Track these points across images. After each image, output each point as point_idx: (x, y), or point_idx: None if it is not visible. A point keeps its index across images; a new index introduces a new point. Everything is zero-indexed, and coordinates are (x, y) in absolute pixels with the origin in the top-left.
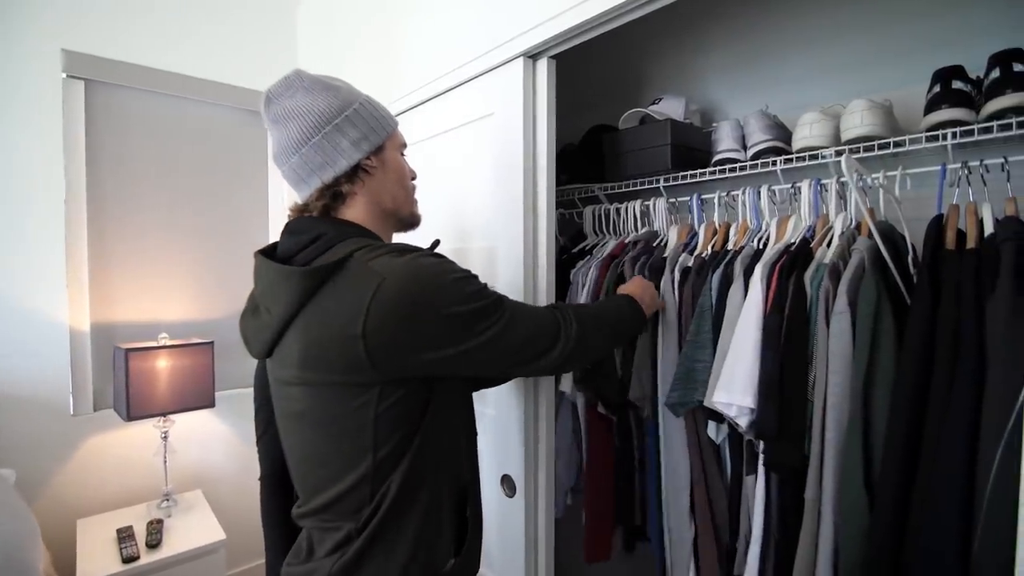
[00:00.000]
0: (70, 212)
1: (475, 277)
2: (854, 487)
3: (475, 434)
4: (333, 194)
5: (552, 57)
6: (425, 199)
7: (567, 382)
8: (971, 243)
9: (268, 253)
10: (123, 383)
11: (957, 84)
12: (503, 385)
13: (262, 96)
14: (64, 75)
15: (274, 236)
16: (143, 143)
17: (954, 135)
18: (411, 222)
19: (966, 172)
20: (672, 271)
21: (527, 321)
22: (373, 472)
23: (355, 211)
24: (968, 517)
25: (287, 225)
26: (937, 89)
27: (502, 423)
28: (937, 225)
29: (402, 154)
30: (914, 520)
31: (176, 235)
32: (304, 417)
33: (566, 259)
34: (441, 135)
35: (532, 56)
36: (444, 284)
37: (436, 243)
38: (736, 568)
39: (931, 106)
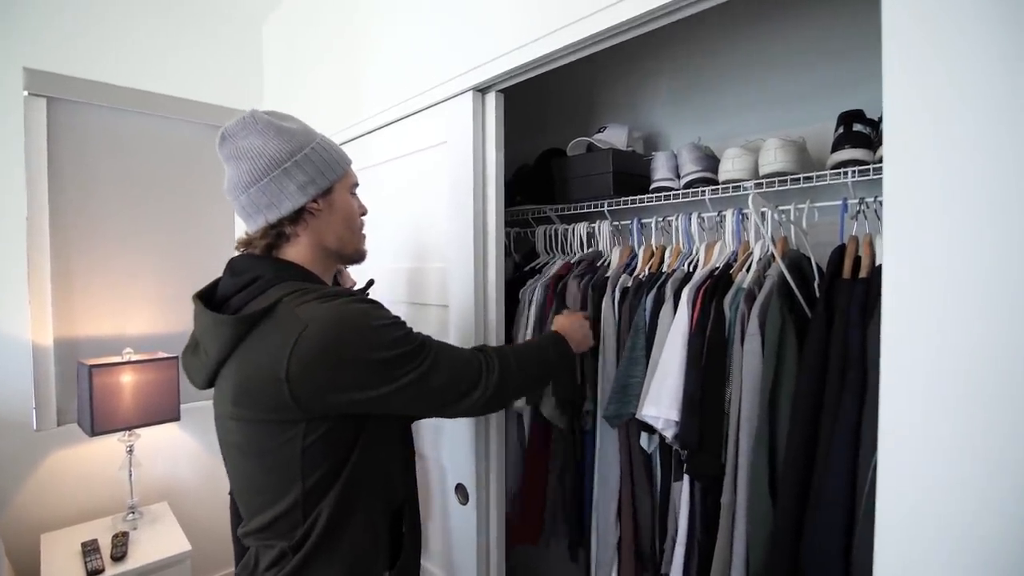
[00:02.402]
0: (32, 228)
1: (400, 323)
2: (761, 493)
3: (411, 457)
4: (277, 233)
5: (500, 91)
6: (385, 220)
7: (520, 401)
8: (864, 272)
9: (208, 293)
10: (87, 399)
11: (857, 127)
12: None
13: (218, 132)
14: (26, 93)
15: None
16: (107, 159)
17: (854, 173)
18: (355, 259)
19: (864, 207)
20: (613, 291)
21: (449, 366)
22: (303, 499)
23: (297, 250)
24: (852, 515)
25: (230, 263)
26: (841, 130)
27: (456, 435)
28: (838, 254)
29: (353, 193)
30: (808, 520)
31: (141, 250)
32: (240, 448)
33: (519, 276)
34: (400, 159)
35: (481, 90)
36: (365, 330)
37: (370, 283)
38: (664, 567)
39: (836, 145)
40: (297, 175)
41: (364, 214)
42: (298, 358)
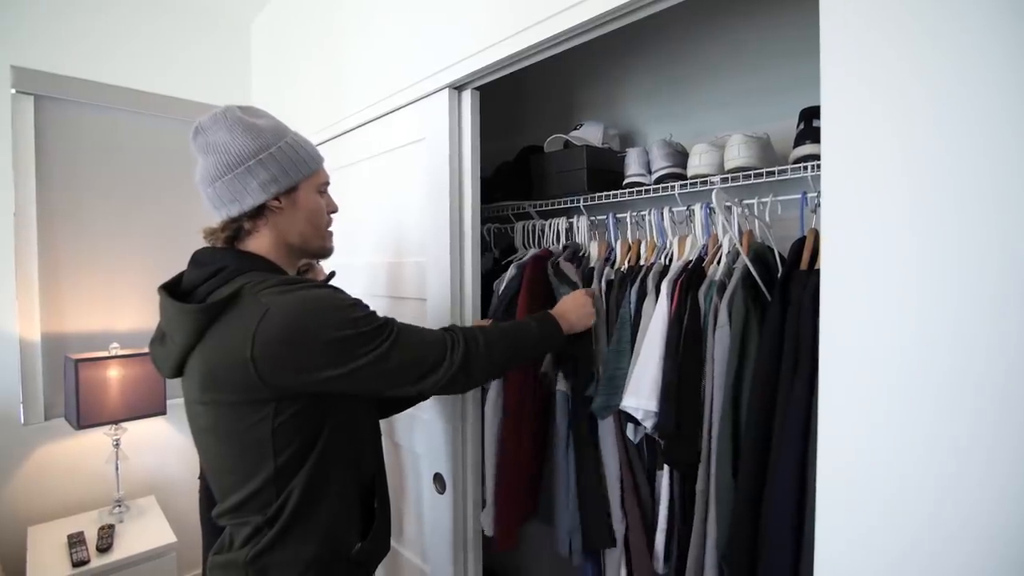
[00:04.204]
0: (20, 224)
1: (361, 304)
2: (725, 475)
3: (379, 436)
4: (238, 227)
5: (476, 88)
6: (365, 216)
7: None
8: (820, 263)
9: (174, 284)
10: (73, 393)
11: (817, 122)
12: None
13: (193, 125)
14: (13, 91)
15: None
16: (94, 156)
17: (814, 167)
18: (320, 255)
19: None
20: (600, 281)
21: (412, 344)
22: (275, 477)
23: (259, 243)
24: (803, 494)
25: (194, 255)
26: (802, 126)
27: (434, 426)
28: (798, 246)
29: (322, 192)
30: (766, 499)
31: (129, 246)
32: (212, 431)
33: (495, 270)
34: (380, 156)
35: (457, 88)
36: (326, 311)
37: (331, 275)
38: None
39: (797, 141)
40: (260, 173)
41: (333, 212)
42: (262, 339)
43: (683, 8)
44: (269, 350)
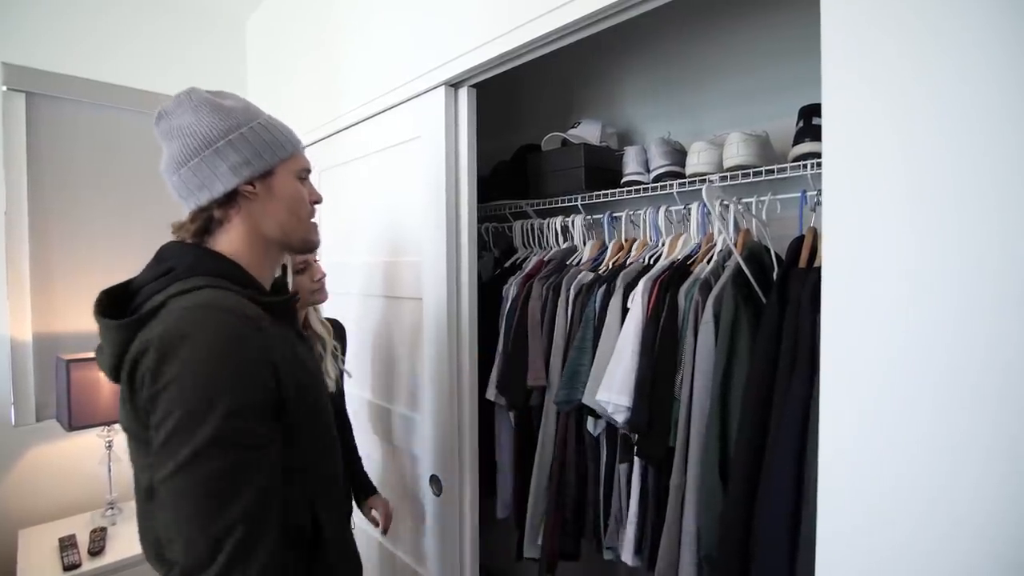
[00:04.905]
0: (11, 223)
1: (238, 393)
2: (711, 475)
3: (331, 483)
4: (208, 218)
5: (473, 86)
6: (361, 215)
7: (492, 391)
8: (819, 262)
9: (123, 285)
10: (64, 394)
11: (816, 120)
12: (429, 391)
13: (155, 111)
14: (4, 88)
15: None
16: (87, 154)
17: (814, 165)
18: (303, 248)
19: (822, 198)
20: (568, 290)
21: (211, 494)
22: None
23: (230, 237)
24: (800, 496)
25: (159, 250)
26: (801, 124)
27: (430, 428)
28: (797, 244)
29: (302, 179)
30: (760, 501)
31: (121, 245)
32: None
33: (499, 273)
34: (376, 154)
35: (453, 85)
36: (188, 364)
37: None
38: (608, 541)
39: (796, 139)
40: (230, 155)
41: (317, 202)
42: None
43: (680, 6)
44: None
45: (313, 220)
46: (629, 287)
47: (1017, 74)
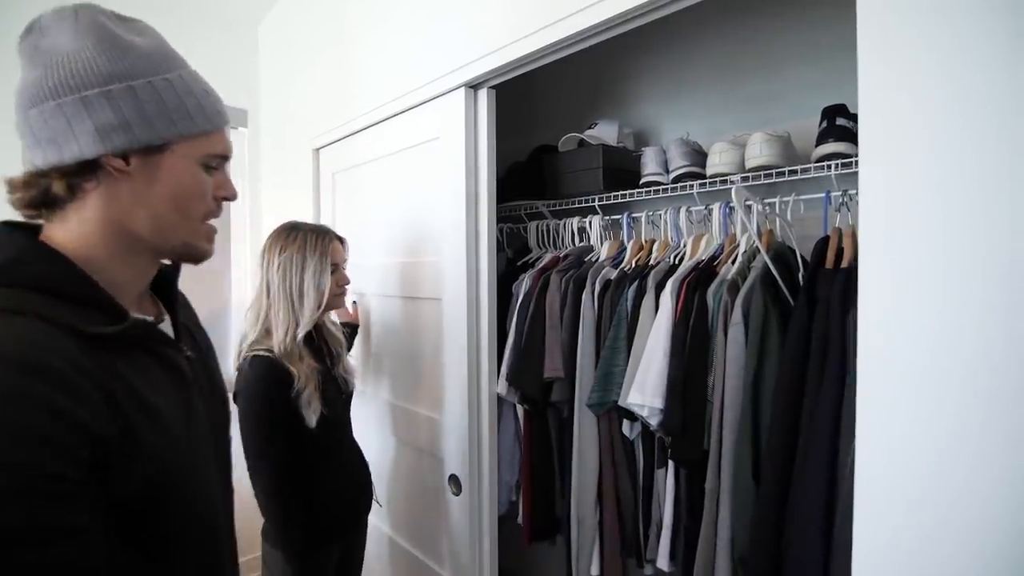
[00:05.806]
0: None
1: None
2: (744, 477)
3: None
4: (45, 190)
5: (492, 87)
6: (379, 216)
7: (502, 384)
8: (845, 262)
9: None
10: None
11: (840, 120)
12: (446, 389)
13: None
14: None
15: (234, 247)
16: None
17: (837, 166)
18: (183, 257)
19: (847, 199)
20: (593, 284)
21: None
22: None
23: (73, 226)
24: (833, 498)
25: None
26: (824, 124)
27: (447, 426)
28: (822, 246)
29: (212, 167)
30: (791, 503)
31: None
32: None
33: (511, 271)
34: (394, 155)
35: (473, 86)
36: None
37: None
38: (649, 554)
39: (820, 139)
40: (101, 111)
41: (227, 199)
42: None
43: (699, 8)
44: None
45: (211, 223)
46: (660, 287)
47: None
